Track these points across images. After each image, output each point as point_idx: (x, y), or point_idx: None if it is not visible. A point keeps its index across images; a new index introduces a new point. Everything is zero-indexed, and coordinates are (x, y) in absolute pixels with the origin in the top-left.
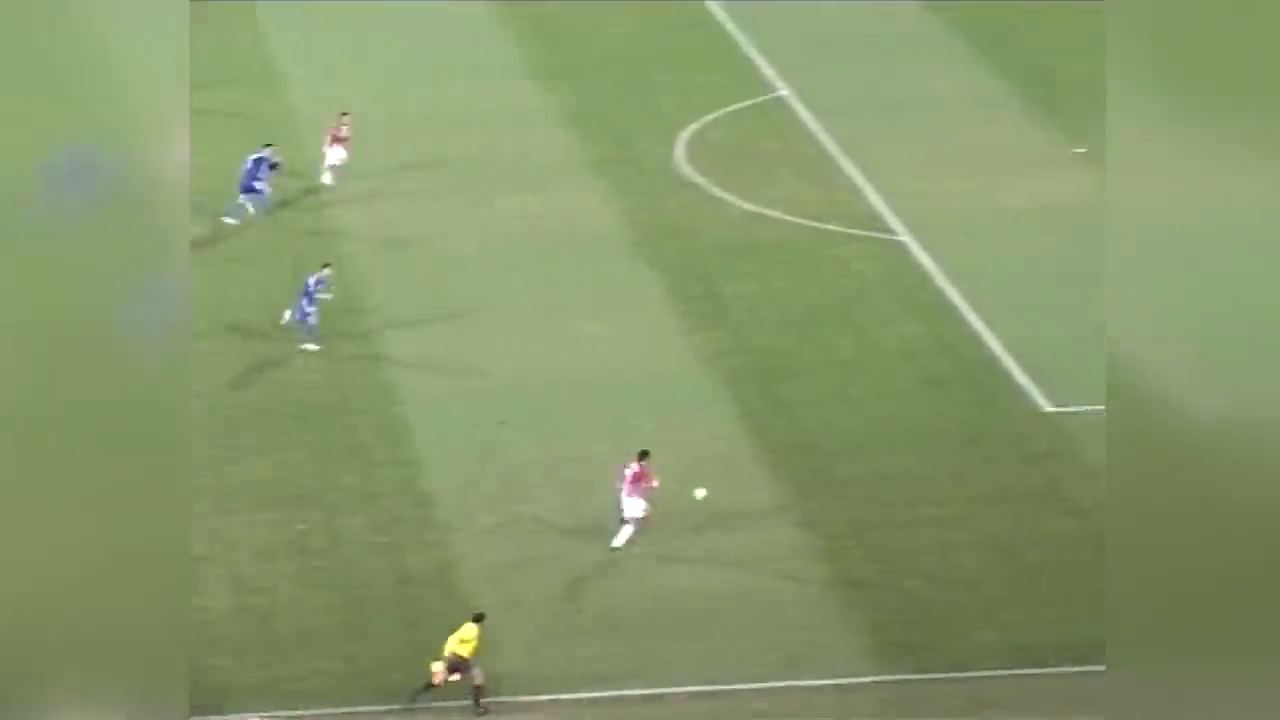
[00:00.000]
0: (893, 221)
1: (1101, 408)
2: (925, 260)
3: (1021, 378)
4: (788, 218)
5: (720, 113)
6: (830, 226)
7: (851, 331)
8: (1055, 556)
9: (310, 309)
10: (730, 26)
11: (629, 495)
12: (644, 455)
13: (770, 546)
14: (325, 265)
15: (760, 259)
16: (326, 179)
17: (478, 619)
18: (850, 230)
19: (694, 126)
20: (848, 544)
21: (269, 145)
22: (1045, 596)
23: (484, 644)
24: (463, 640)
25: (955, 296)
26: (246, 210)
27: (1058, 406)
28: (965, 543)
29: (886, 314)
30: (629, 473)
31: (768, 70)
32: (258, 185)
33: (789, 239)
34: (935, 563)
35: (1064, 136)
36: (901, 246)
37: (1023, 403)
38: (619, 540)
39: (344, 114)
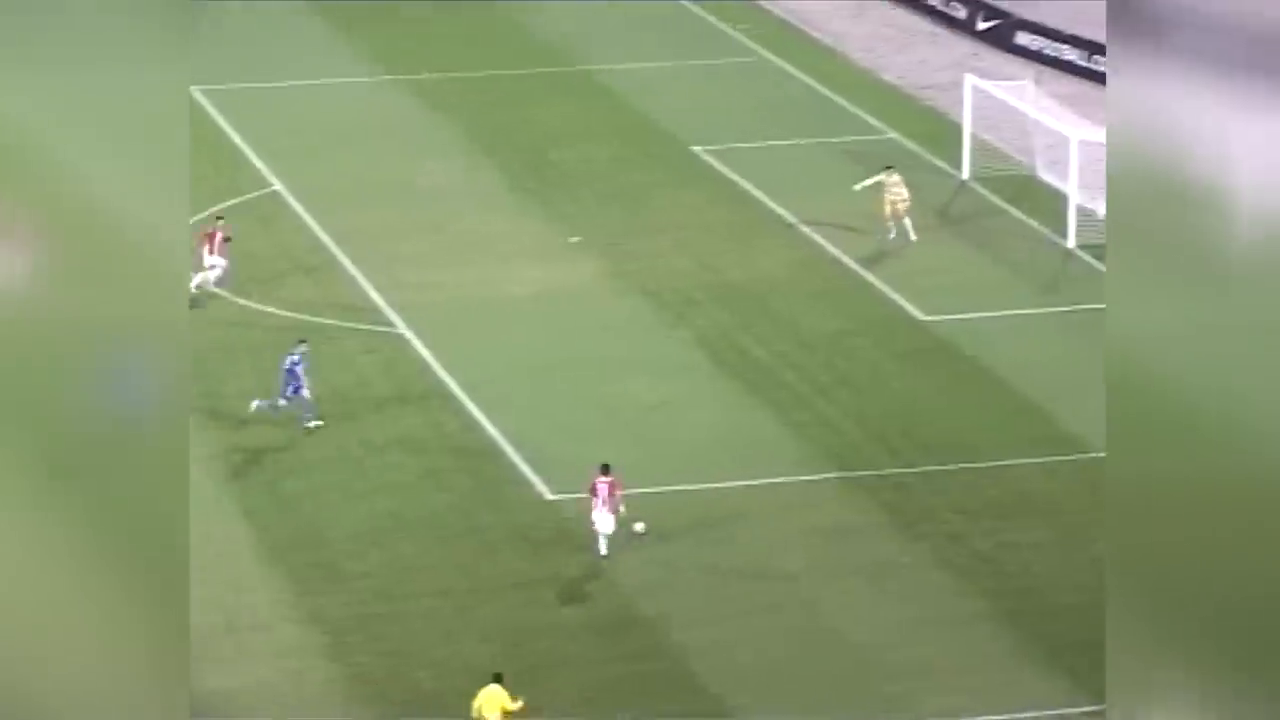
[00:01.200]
0: (390, 314)
1: None
2: (424, 351)
3: (523, 466)
4: (284, 313)
5: (214, 209)
6: (328, 320)
7: (352, 425)
8: (562, 645)
9: (300, 386)
10: (219, 119)
11: (601, 510)
12: (606, 469)
13: (274, 645)
14: (301, 341)
15: (258, 355)
16: (213, 286)
17: (497, 679)
18: (348, 324)
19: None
20: (354, 639)
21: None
22: (554, 686)
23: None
24: (489, 704)
25: (454, 386)
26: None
27: (559, 494)
28: (473, 633)
29: (386, 406)
30: (602, 488)
31: (259, 164)
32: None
33: (287, 334)
34: (444, 654)
35: (559, 226)
36: (400, 338)
37: (524, 491)
38: (603, 548)
39: (220, 218)
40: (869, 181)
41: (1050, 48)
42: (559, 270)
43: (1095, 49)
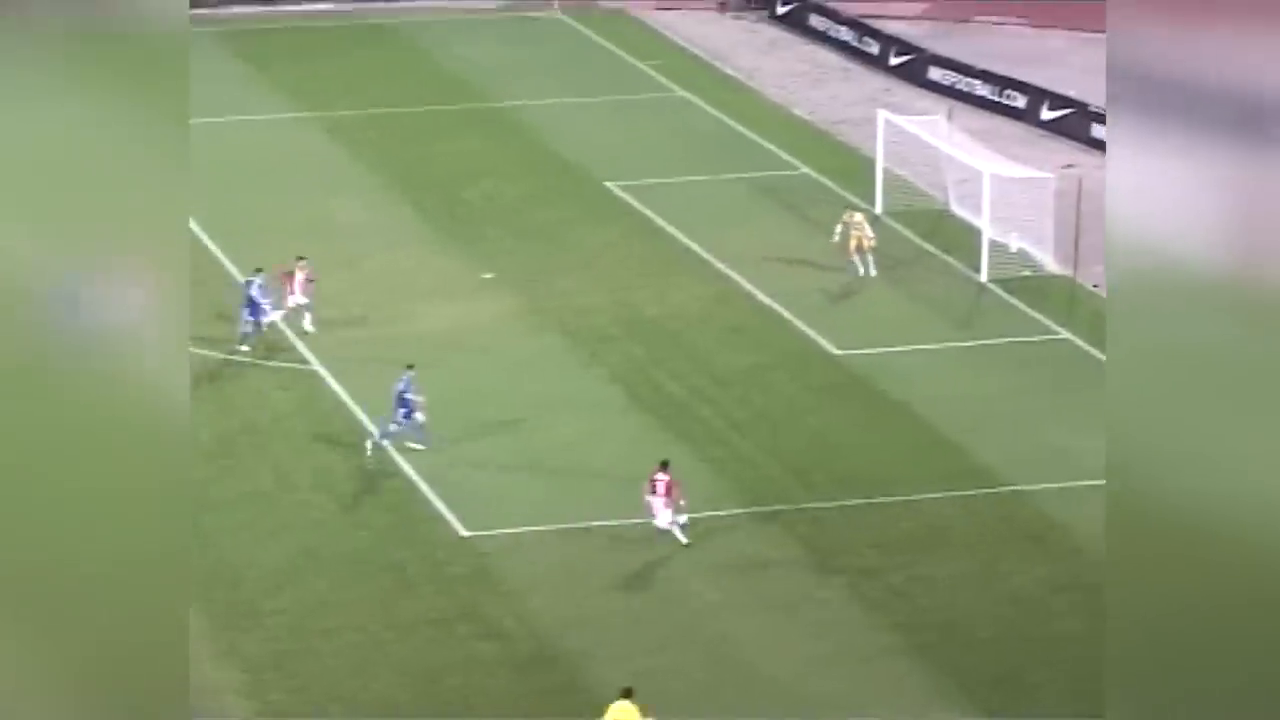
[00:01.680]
0: (304, 351)
1: (516, 530)
2: (338, 388)
3: (438, 503)
4: (198, 351)
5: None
6: (241, 358)
7: (268, 462)
8: (477, 680)
9: (411, 410)
10: None
11: (664, 506)
12: (665, 465)
13: (190, 682)
14: (409, 367)
15: None
16: (309, 325)
17: (627, 694)
18: (262, 360)
19: None
20: (270, 676)
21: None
22: None
23: None
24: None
25: (369, 423)
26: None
27: (474, 530)
28: (388, 668)
29: (301, 444)
30: (660, 484)
31: None
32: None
33: (201, 371)
34: (360, 690)
35: (472, 263)
36: (314, 375)
37: (440, 528)
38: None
39: (301, 257)
40: (839, 228)
41: (962, 83)
42: (472, 307)
43: (1006, 84)
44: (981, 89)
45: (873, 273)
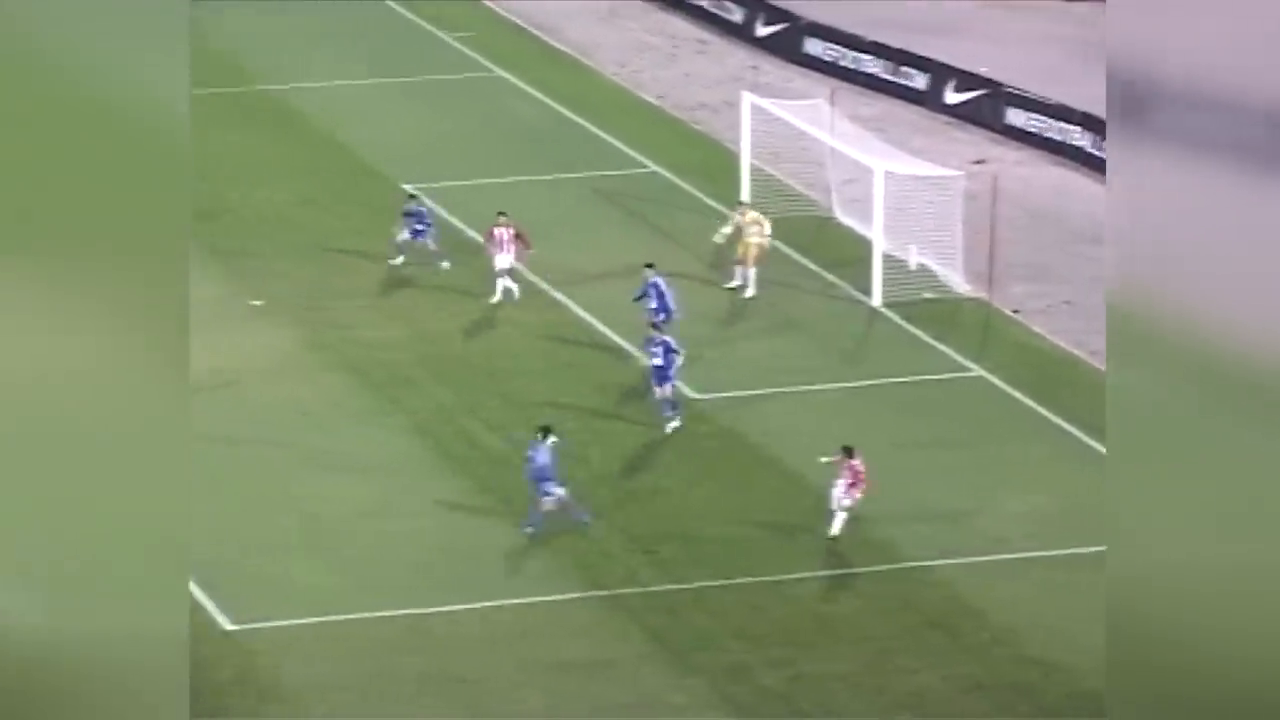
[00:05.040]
0: None
1: (295, 622)
2: None
3: (196, 590)
4: None
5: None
6: None
7: None
8: None
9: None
10: None
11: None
12: (849, 452)
13: None
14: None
15: None
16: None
17: None
18: None
19: None
20: None
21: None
22: None
23: None
24: None
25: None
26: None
27: (240, 624)
28: None
29: None
30: (848, 470)
31: None
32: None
33: None
34: None
35: (238, 287)
36: None
37: (198, 620)
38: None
39: (502, 213)
40: (727, 229)
41: (848, 58)
42: (239, 343)
43: (902, 59)
44: (871, 66)
45: (750, 292)
